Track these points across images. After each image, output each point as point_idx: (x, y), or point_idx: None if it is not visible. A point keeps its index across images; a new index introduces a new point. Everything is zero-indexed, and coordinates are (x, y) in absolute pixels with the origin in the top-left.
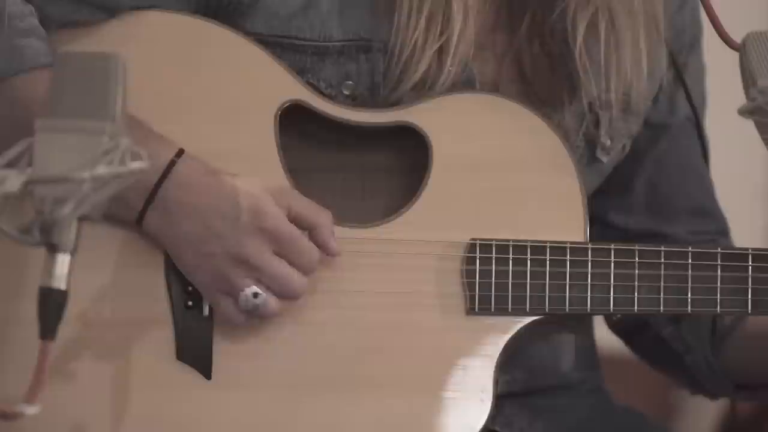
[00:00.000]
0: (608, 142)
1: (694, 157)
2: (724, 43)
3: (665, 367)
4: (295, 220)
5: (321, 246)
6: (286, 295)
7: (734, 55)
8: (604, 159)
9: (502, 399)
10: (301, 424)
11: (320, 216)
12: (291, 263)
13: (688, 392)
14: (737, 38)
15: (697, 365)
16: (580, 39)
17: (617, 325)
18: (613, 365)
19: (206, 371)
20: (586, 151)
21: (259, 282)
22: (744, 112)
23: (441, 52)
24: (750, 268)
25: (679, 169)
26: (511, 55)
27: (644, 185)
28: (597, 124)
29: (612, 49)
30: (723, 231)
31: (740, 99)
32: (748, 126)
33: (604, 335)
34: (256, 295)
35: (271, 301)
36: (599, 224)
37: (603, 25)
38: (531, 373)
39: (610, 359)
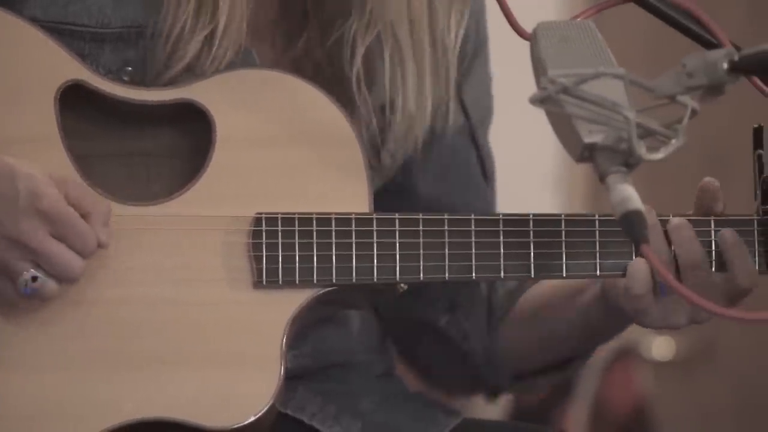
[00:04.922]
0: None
1: (472, 167)
2: (515, 33)
3: (443, 369)
4: (72, 207)
5: None
6: (64, 277)
7: (525, 45)
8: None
9: (294, 382)
10: (87, 404)
11: (96, 204)
12: (68, 245)
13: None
14: (528, 29)
15: (474, 352)
16: (357, 65)
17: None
18: None
19: None
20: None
21: (37, 265)
22: (535, 101)
23: (211, 37)
24: (531, 233)
25: (458, 179)
26: (288, 62)
27: (426, 196)
28: (380, 131)
29: (397, 78)
30: None
31: (531, 88)
32: (539, 115)
33: None
34: (35, 278)
35: (50, 284)
36: None
37: (388, 53)
38: (319, 349)
39: None
